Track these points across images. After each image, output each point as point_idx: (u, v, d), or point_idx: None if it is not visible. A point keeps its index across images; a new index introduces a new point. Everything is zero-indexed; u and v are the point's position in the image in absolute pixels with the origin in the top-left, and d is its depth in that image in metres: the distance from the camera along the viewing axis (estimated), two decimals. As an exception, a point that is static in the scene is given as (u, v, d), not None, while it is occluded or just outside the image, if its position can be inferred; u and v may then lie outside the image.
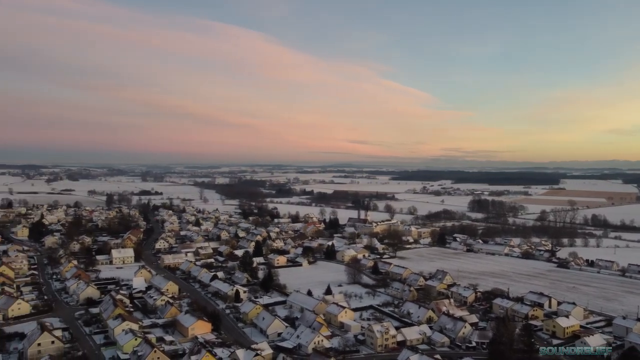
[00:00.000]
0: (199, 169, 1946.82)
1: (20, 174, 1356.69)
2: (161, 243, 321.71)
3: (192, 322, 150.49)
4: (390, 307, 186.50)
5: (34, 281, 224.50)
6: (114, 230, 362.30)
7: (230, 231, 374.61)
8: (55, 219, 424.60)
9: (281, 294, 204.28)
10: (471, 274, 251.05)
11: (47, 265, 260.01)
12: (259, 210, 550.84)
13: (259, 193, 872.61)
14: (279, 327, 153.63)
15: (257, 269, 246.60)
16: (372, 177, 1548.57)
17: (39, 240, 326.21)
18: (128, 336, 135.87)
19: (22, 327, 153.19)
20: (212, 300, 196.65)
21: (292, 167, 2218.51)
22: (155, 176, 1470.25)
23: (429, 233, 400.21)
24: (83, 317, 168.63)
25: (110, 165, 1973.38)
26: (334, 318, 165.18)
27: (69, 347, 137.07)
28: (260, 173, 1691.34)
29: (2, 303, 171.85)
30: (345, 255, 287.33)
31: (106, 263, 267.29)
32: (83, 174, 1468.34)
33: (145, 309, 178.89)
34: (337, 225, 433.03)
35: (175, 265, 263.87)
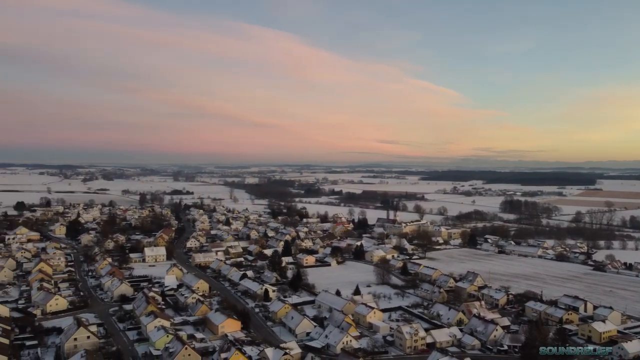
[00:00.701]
0: (229, 169, 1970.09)
1: (58, 174, 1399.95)
2: (192, 242, 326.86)
3: (222, 320, 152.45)
4: (420, 309, 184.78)
5: (70, 278, 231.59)
6: (146, 229, 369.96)
7: (259, 230, 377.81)
8: (91, 218, 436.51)
9: (310, 293, 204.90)
10: (503, 276, 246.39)
11: (83, 262, 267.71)
12: (288, 210, 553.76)
13: (288, 193, 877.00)
14: (307, 327, 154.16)
15: (286, 268, 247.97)
16: (401, 177, 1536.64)
17: (75, 238, 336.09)
18: (160, 333, 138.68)
19: (60, 322, 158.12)
20: (241, 299, 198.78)
21: (321, 167, 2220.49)
22: (187, 176, 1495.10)
23: (459, 234, 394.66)
24: (117, 314, 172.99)
25: (143, 166, 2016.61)
26: (362, 318, 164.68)
27: (104, 343, 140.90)
28: (289, 173, 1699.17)
29: (40, 298, 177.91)
30: (374, 256, 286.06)
31: (139, 261, 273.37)
32: (117, 174, 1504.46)
33: (176, 306, 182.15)
34: (366, 226, 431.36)
35: (206, 263, 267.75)
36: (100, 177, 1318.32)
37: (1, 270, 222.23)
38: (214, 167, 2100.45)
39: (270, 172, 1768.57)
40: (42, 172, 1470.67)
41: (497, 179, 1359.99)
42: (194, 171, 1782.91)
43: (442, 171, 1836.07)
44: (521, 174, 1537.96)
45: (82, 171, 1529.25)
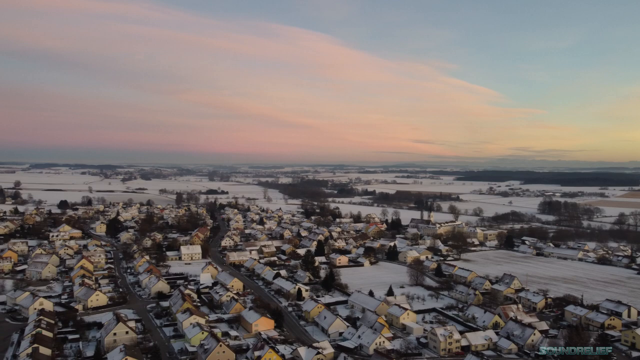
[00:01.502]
0: (263, 169, 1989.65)
1: (99, 174, 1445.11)
2: (227, 241, 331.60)
3: (255, 319, 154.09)
4: (454, 311, 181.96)
5: (110, 274, 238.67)
6: (183, 228, 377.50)
7: (292, 230, 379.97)
8: (130, 216, 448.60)
9: (342, 293, 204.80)
10: (541, 279, 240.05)
11: (122, 259, 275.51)
12: (321, 209, 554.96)
13: (321, 193, 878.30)
14: (340, 327, 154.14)
15: (318, 268, 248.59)
16: (435, 178, 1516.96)
17: (115, 236, 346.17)
18: (195, 330, 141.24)
19: (100, 317, 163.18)
20: (275, 298, 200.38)
21: (354, 167, 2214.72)
22: (222, 176, 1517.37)
23: (495, 235, 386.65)
24: (154, 310, 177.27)
25: (179, 166, 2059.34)
26: (395, 319, 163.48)
27: (142, 338, 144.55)
28: (323, 173, 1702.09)
29: (82, 294, 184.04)
30: (408, 257, 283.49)
31: (175, 259, 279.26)
32: (155, 174, 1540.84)
33: (211, 304, 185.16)
34: (400, 226, 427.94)
35: (240, 262, 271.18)
36: (138, 177, 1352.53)
37: (46, 267, 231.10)
38: (248, 167, 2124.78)
39: (304, 172, 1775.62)
40: (84, 172, 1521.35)
41: (535, 179, 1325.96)
42: (228, 171, 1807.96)
43: (478, 171, 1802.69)
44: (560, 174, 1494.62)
45: (122, 171, 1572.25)
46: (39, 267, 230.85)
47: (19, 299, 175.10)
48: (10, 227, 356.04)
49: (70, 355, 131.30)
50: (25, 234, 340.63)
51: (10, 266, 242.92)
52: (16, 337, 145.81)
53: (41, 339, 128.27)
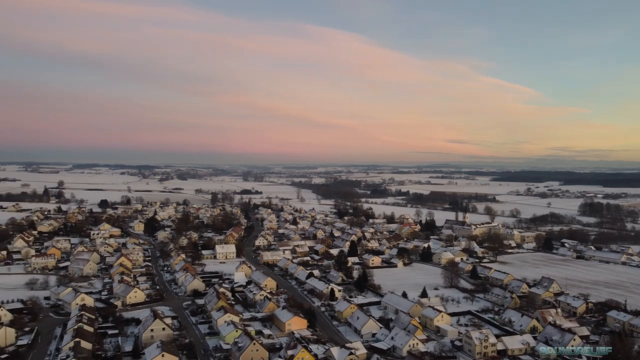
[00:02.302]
0: (296, 169, 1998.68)
1: (137, 174, 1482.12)
2: (260, 240, 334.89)
3: (289, 318, 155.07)
4: (490, 314, 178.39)
5: (148, 272, 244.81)
6: (217, 227, 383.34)
7: (325, 230, 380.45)
8: (167, 215, 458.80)
9: (375, 294, 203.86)
10: (581, 283, 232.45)
11: (159, 257, 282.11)
12: (354, 210, 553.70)
13: (354, 193, 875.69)
14: (373, 328, 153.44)
15: (351, 268, 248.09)
16: (471, 178, 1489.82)
17: (152, 235, 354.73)
18: (230, 327, 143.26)
19: (138, 314, 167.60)
20: (307, 298, 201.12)
21: (388, 167, 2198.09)
22: (256, 176, 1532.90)
23: (533, 237, 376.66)
24: (190, 307, 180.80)
25: (215, 166, 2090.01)
26: (429, 322, 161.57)
27: (178, 335, 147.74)
28: (356, 173, 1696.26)
29: (121, 291, 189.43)
30: (442, 258, 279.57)
31: (210, 258, 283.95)
32: (191, 174, 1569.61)
33: (245, 302, 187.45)
34: (434, 227, 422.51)
35: (274, 262, 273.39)
36: (175, 177, 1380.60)
37: (87, 264, 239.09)
38: (282, 168, 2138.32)
39: (337, 172, 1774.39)
40: (123, 172, 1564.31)
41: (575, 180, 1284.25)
42: (262, 171, 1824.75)
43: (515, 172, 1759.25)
44: (603, 175, 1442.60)
45: (159, 171, 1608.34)
46: (81, 264, 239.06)
47: (62, 295, 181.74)
48: (54, 225, 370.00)
49: (110, 350, 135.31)
50: (68, 232, 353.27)
51: (54, 263, 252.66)
52: (59, 331, 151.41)
53: (82, 334, 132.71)
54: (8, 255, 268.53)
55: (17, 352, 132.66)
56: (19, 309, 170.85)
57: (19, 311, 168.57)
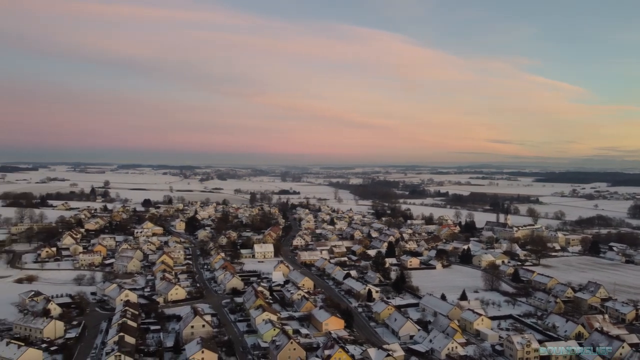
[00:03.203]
0: (334, 170, 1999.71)
1: (179, 174, 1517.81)
2: (298, 240, 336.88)
3: (326, 318, 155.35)
4: (532, 319, 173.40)
5: (188, 270, 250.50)
6: (256, 227, 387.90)
7: (363, 231, 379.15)
8: (207, 215, 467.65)
9: (413, 296, 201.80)
10: (631, 289, 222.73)
11: (200, 256, 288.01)
12: (392, 211, 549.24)
13: (392, 194, 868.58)
14: (411, 330, 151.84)
15: (389, 269, 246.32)
16: (513, 179, 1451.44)
17: (193, 234, 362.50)
18: (267, 326, 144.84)
19: (179, 310, 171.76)
20: (345, 298, 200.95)
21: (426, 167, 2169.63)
22: (294, 176, 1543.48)
23: (578, 240, 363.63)
24: (229, 305, 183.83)
25: (253, 166, 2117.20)
26: (469, 325, 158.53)
27: (217, 332, 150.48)
28: (394, 174, 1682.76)
29: (163, 288, 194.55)
30: (483, 260, 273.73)
31: (249, 257, 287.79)
32: (230, 174, 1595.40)
33: (282, 301, 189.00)
34: (474, 229, 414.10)
35: (311, 261, 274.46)
36: (215, 177, 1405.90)
37: (131, 261, 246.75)
38: (320, 168, 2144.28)
39: (375, 172, 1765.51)
40: (165, 172, 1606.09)
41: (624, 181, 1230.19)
42: (300, 172, 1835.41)
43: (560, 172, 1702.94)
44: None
45: (200, 171, 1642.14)
46: (125, 261, 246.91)
47: (107, 290, 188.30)
48: (101, 223, 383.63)
49: (152, 345, 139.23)
50: (113, 230, 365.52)
51: (100, 259, 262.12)
52: (105, 325, 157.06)
53: (126, 328, 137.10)
54: (58, 251, 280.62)
55: (65, 344, 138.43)
56: (68, 304, 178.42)
57: (68, 305, 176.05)
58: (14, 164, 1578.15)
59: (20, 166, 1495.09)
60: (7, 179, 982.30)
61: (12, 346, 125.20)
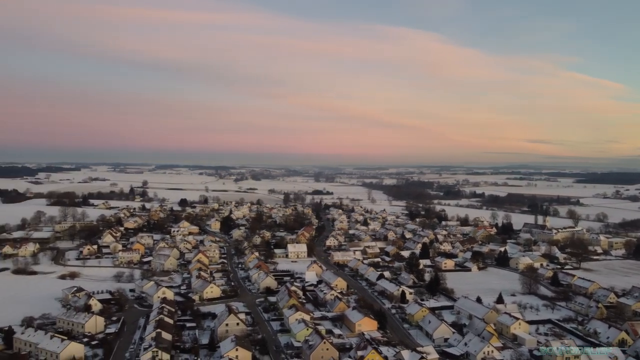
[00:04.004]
0: (367, 170, 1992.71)
1: (214, 174, 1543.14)
2: (331, 240, 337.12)
3: (359, 318, 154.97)
4: (573, 324, 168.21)
5: (223, 268, 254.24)
6: (289, 227, 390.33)
7: (396, 232, 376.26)
8: (241, 215, 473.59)
9: (448, 298, 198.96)
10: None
11: (234, 255, 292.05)
12: (426, 211, 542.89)
13: (426, 194, 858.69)
14: (445, 332, 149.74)
15: (423, 271, 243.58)
16: (552, 180, 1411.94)
17: (227, 233, 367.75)
18: (301, 325, 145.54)
19: (214, 308, 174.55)
20: (378, 299, 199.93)
21: (462, 168, 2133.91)
22: (327, 177, 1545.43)
23: (622, 244, 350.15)
24: (262, 304, 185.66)
25: (287, 167, 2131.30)
26: (505, 329, 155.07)
27: (251, 330, 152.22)
28: (428, 174, 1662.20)
29: (199, 286, 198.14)
30: (520, 263, 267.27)
31: (282, 256, 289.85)
32: (264, 174, 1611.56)
33: (315, 301, 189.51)
34: (511, 231, 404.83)
35: (344, 262, 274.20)
36: (249, 177, 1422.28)
37: (168, 259, 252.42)
38: (353, 168, 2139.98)
39: (408, 173, 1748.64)
40: (201, 172, 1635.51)
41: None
42: (333, 172, 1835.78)
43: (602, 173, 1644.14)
44: None
45: (234, 172, 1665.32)
46: (162, 259, 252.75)
47: (145, 288, 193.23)
48: (139, 222, 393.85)
49: (188, 342, 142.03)
50: (151, 229, 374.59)
51: (138, 257, 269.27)
52: (142, 321, 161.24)
53: (163, 325, 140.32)
54: (98, 249, 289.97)
55: (105, 339, 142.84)
56: (108, 300, 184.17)
57: (107, 301, 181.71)
58: (58, 164, 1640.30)
59: (63, 166, 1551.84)
60: (52, 179, 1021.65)
61: (56, 340, 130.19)
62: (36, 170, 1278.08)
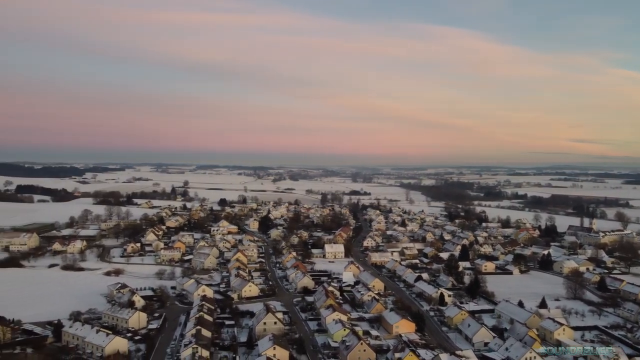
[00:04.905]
0: (405, 171, 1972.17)
1: (253, 174, 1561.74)
2: (368, 241, 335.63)
3: (396, 320, 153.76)
4: (621, 331, 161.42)
5: (261, 268, 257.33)
6: (327, 227, 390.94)
7: (435, 233, 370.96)
8: (279, 214, 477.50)
9: (488, 302, 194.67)
10: None
11: (272, 254, 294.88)
12: (465, 213, 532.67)
13: (465, 195, 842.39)
14: (485, 336, 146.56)
15: (462, 273, 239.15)
16: (599, 181, 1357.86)
17: (265, 232, 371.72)
18: (338, 326, 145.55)
19: (252, 307, 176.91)
20: (416, 301, 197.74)
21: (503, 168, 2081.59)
22: (364, 177, 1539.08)
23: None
24: (299, 304, 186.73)
25: (324, 167, 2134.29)
26: (548, 334, 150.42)
27: (288, 329, 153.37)
28: (468, 175, 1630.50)
29: (237, 284, 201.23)
30: (564, 267, 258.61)
31: (320, 256, 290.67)
32: (302, 175, 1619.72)
33: (352, 302, 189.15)
34: (555, 233, 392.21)
35: (381, 263, 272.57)
36: (287, 178, 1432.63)
37: (207, 258, 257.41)
38: (391, 169, 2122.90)
39: (448, 173, 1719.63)
40: (240, 172, 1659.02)
41: None
42: (371, 172, 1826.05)
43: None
44: None
45: (273, 172, 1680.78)
46: (202, 258, 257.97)
47: (186, 285, 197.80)
48: (180, 221, 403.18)
49: (227, 339, 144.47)
50: (191, 228, 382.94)
51: (179, 256, 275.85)
52: (183, 318, 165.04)
53: (203, 322, 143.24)
54: (141, 247, 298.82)
55: (148, 334, 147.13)
56: (150, 296, 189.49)
57: (150, 298, 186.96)
58: (104, 164, 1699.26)
59: (109, 167, 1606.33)
60: (98, 179, 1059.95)
61: (101, 334, 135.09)
62: (84, 170, 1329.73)
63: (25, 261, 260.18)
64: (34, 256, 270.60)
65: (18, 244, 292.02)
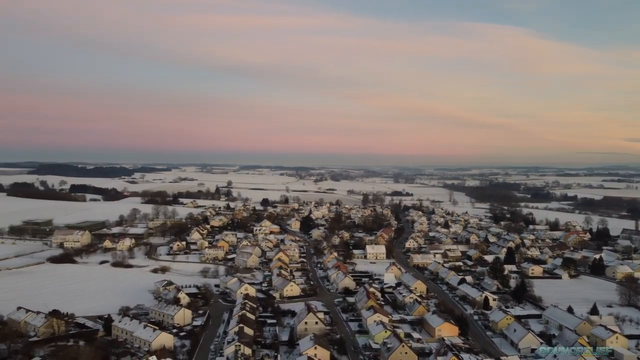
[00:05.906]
0: (449, 171, 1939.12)
1: (294, 175, 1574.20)
2: (410, 242, 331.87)
3: (439, 323, 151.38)
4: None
5: (303, 267, 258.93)
6: (368, 228, 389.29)
7: (479, 235, 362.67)
8: (320, 215, 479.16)
9: (535, 306, 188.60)
10: None
11: (313, 254, 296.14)
12: (511, 214, 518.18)
13: (511, 197, 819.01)
14: (532, 342, 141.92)
15: (508, 277, 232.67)
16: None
17: (307, 232, 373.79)
18: (379, 327, 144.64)
19: (293, 306, 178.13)
20: (459, 304, 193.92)
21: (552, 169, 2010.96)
22: (406, 178, 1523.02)
23: None
24: (340, 304, 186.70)
25: (366, 167, 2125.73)
26: (600, 342, 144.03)
27: (329, 330, 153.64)
28: (514, 176, 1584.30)
29: (279, 283, 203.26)
30: (618, 272, 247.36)
31: (361, 257, 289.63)
32: (343, 175, 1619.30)
33: (394, 304, 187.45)
34: (607, 237, 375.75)
35: (424, 265, 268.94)
36: (329, 178, 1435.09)
37: (250, 257, 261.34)
38: (433, 169, 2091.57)
39: (493, 174, 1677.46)
40: (282, 173, 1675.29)
41: None
42: (413, 173, 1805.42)
43: None
44: None
45: (314, 172, 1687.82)
46: (245, 257, 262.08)
47: (229, 283, 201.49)
48: (224, 220, 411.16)
49: (268, 338, 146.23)
50: (234, 227, 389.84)
51: (223, 254, 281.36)
52: (226, 316, 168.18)
53: (246, 320, 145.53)
54: (187, 245, 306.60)
55: (192, 331, 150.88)
56: (195, 294, 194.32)
57: (194, 295, 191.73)
58: (152, 164, 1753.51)
59: (156, 167, 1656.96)
60: (146, 179, 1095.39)
61: (148, 329, 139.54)
62: (132, 170, 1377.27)
63: (79, 257, 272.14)
64: (86, 253, 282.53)
65: (72, 241, 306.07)
